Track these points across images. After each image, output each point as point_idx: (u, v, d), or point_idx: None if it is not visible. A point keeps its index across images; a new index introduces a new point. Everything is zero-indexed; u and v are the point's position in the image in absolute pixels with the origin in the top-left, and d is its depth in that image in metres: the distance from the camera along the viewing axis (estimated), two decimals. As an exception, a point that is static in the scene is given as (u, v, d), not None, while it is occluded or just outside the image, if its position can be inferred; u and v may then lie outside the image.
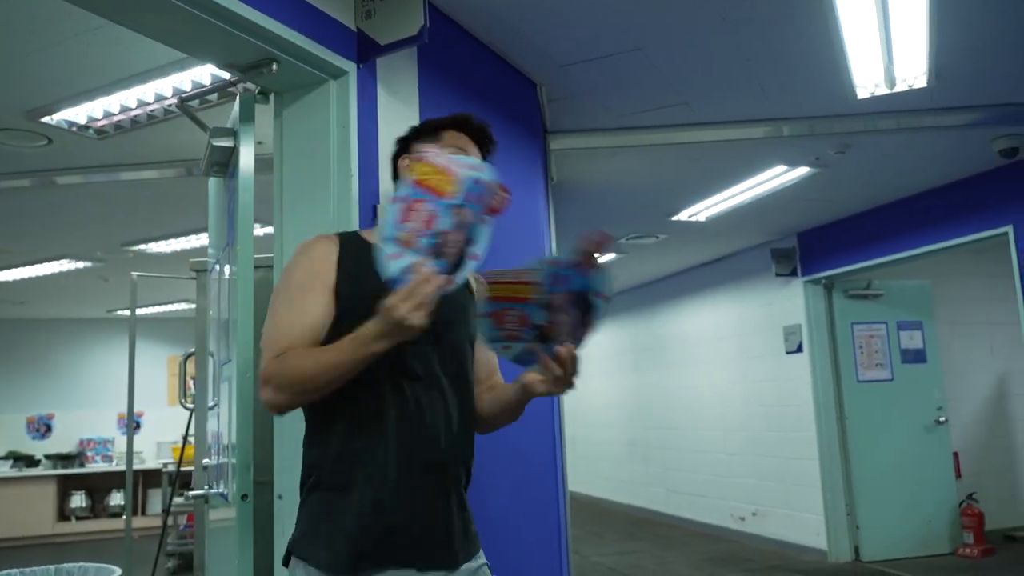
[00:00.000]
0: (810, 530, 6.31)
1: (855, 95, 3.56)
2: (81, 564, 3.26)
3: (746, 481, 7.12)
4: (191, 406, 3.09)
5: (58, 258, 6.17)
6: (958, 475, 6.46)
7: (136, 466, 8.85)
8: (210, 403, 2.80)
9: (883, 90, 3.49)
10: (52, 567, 3.28)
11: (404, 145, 1.75)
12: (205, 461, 2.86)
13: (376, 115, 2.26)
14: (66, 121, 3.41)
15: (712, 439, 7.66)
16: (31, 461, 8.91)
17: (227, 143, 2.27)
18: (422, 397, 1.52)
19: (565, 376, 1.46)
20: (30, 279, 6.85)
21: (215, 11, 1.82)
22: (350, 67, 2.16)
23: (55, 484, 8.71)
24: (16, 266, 6.35)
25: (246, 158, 2.16)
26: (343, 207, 2.08)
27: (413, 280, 1.32)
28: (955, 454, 6.49)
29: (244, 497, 2.06)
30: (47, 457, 8.99)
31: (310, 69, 2.09)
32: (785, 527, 6.62)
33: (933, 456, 6.29)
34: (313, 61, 2.07)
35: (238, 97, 2.19)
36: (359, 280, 1.52)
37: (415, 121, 2.44)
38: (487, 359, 1.74)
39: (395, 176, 1.76)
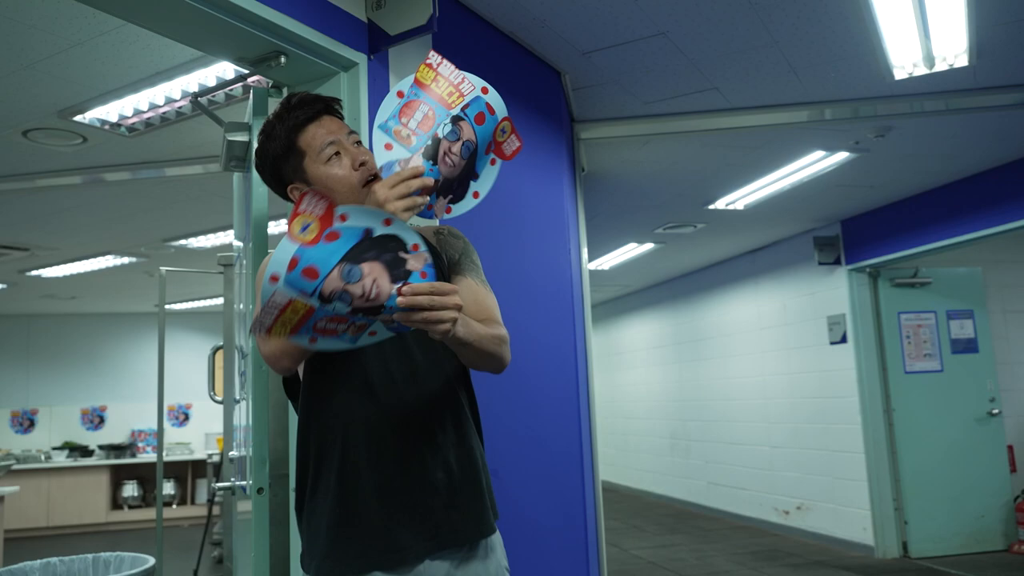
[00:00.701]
0: (856, 525, 6.16)
1: (892, 76, 3.44)
2: (117, 553, 3.33)
3: (789, 474, 6.99)
4: (220, 399, 3.13)
5: (103, 254, 6.32)
6: (1013, 469, 6.24)
7: (184, 457, 9.11)
8: (236, 396, 2.83)
9: (922, 70, 3.36)
10: (90, 556, 3.36)
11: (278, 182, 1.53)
12: (232, 453, 2.89)
13: (388, 107, 2.24)
14: (98, 119, 3.47)
15: (754, 431, 7.53)
16: (85, 451, 9.18)
17: (242, 137, 2.27)
18: (392, 376, 1.43)
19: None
20: (79, 275, 7.04)
21: (222, 6, 1.82)
22: (360, 58, 2.14)
23: (108, 474, 8.96)
24: (64, 262, 6.52)
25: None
26: (354, 200, 2.07)
27: (402, 170, 1.29)
28: (1009, 447, 6.27)
29: (260, 491, 2.07)
30: (100, 447, 9.25)
31: (319, 61, 2.08)
32: (830, 522, 6.47)
33: (986, 449, 6.09)
34: (322, 53, 2.06)
35: (252, 91, 2.19)
36: None
37: (430, 112, 2.43)
38: (474, 301, 1.53)
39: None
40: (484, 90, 1.39)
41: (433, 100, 1.36)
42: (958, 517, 5.97)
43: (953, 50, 3.22)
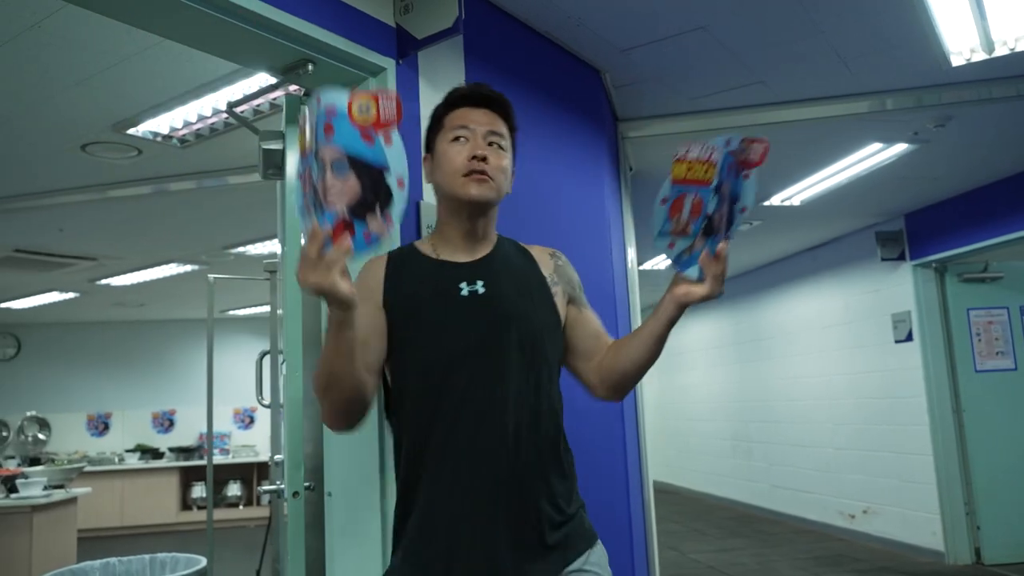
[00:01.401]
0: (925, 530, 5.93)
1: (949, 63, 3.29)
2: (173, 554, 3.42)
3: (855, 477, 6.77)
4: (267, 403, 3.18)
5: (167, 262, 6.52)
6: (1094, 471, 5.92)
7: (249, 459, 9.33)
8: (281, 400, 2.87)
9: (980, 55, 3.21)
10: (147, 556, 3.47)
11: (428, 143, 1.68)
12: (277, 457, 2.93)
13: (418, 110, 2.24)
14: (151, 132, 3.58)
15: (818, 433, 7.32)
16: (156, 454, 9.50)
17: (277, 145, 2.30)
18: (478, 415, 1.45)
19: (722, 274, 1.45)
20: (146, 283, 7.28)
21: (247, 18, 1.85)
22: (388, 63, 2.15)
23: (178, 475, 9.24)
24: (129, 271, 6.75)
25: (292, 159, 2.19)
26: (383, 205, 2.08)
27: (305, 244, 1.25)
28: (1090, 449, 5.95)
29: (295, 495, 2.10)
30: (170, 450, 9.55)
31: (347, 67, 2.09)
32: (898, 526, 6.24)
33: (1064, 451, 5.79)
34: (349, 59, 2.07)
35: (284, 98, 2.22)
36: (400, 285, 1.54)
37: (461, 115, 2.42)
38: (589, 329, 1.66)
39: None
40: (316, 102, 1.31)
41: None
42: (1035, 523, 5.70)
43: (1014, 33, 3.07)
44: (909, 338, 6.08)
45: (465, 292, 1.53)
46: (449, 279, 1.55)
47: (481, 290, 1.54)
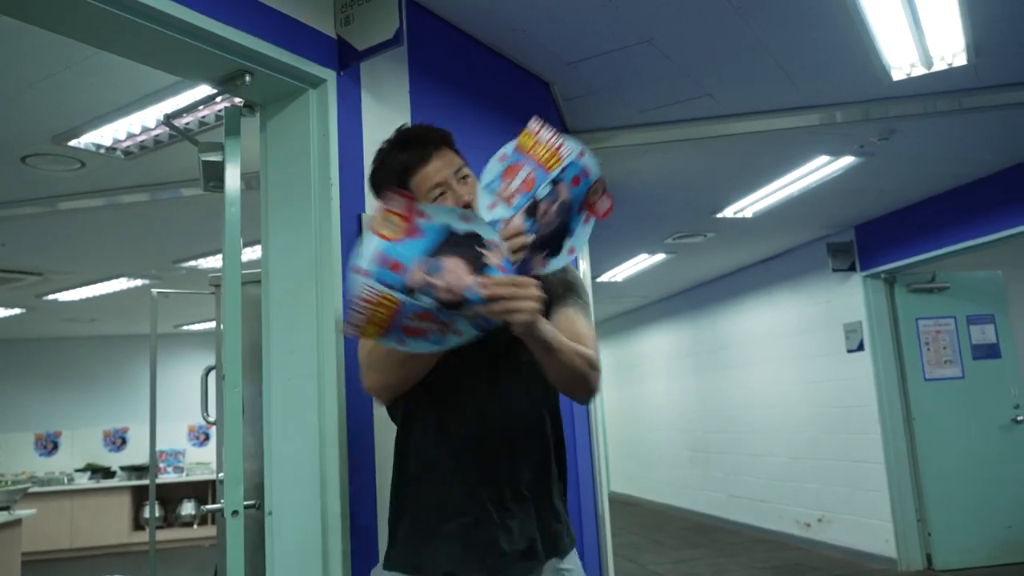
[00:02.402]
0: (878, 537, 6.01)
1: (890, 77, 3.36)
2: (116, 576, 3.32)
3: (810, 486, 6.84)
4: (212, 420, 3.11)
5: (116, 276, 6.38)
6: (1040, 477, 6.06)
7: (205, 476, 9.15)
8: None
9: (920, 70, 3.29)
10: (93, 580, 3.36)
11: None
12: (220, 475, 2.87)
13: (360, 122, 2.22)
14: (93, 144, 3.50)
15: (774, 442, 7.40)
16: (107, 473, 9.26)
17: (216, 158, 2.26)
18: (492, 402, 1.56)
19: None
20: (95, 298, 7.12)
21: (184, 29, 1.81)
22: (329, 75, 2.13)
23: (130, 495, 9.02)
24: (79, 285, 6.60)
25: (232, 172, 2.15)
26: (324, 218, 2.05)
27: (504, 229, 1.37)
28: (1035, 455, 6.09)
29: (235, 514, 2.05)
30: (122, 469, 9.32)
31: (286, 79, 2.06)
32: (852, 534, 6.32)
33: (1011, 457, 5.91)
34: (288, 71, 2.04)
35: (224, 111, 2.19)
36: None
37: (405, 127, 2.40)
38: (564, 328, 1.61)
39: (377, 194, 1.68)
40: (580, 154, 1.45)
41: (533, 163, 1.44)
42: (984, 528, 5.80)
43: (951, 49, 3.15)
44: (861, 348, 6.18)
45: None
46: None
47: None
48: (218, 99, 2.92)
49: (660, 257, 6.97)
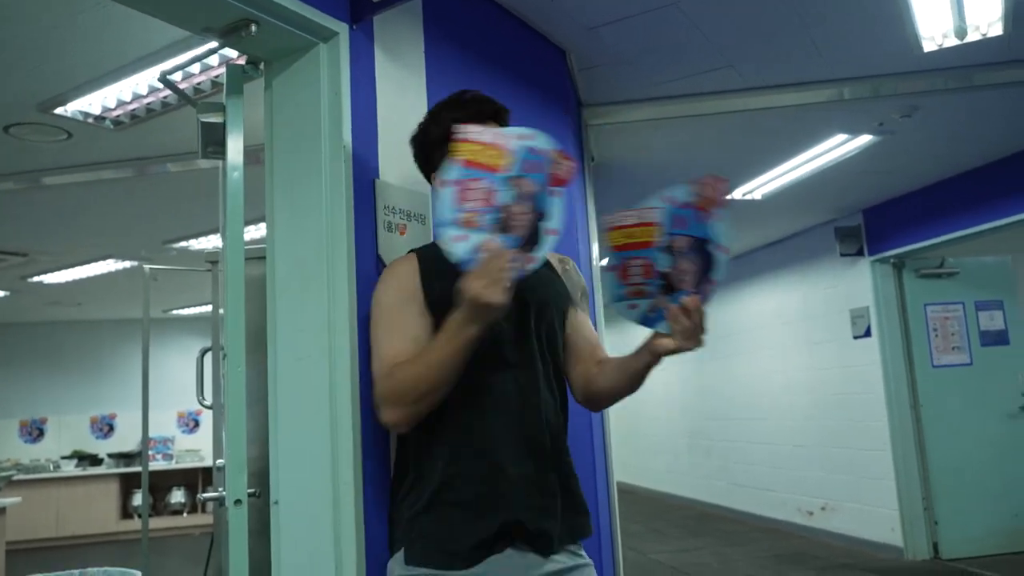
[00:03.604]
0: (884, 526, 5.91)
1: (921, 48, 3.21)
2: (105, 569, 3.17)
3: (814, 474, 6.74)
4: (208, 404, 2.95)
5: (103, 258, 6.18)
6: (1047, 465, 5.97)
7: (194, 464, 8.99)
8: (223, 400, 2.65)
9: (952, 41, 3.14)
10: (77, 572, 3.21)
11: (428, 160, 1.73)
12: (219, 462, 2.71)
13: (374, 81, 2.05)
14: (80, 112, 3.31)
15: (777, 430, 7.29)
16: (94, 460, 9.07)
17: (217, 119, 2.09)
18: (521, 387, 1.57)
19: (694, 328, 1.46)
20: (81, 280, 6.91)
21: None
22: (342, 28, 1.95)
23: (118, 482, 8.84)
24: (62, 268, 6.39)
25: (235, 134, 1.98)
26: (335, 185, 1.88)
27: (484, 257, 1.33)
28: (1043, 442, 6.00)
29: (238, 502, 1.89)
30: (110, 456, 9.13)
31: (295, 31, 1.88)
32: (857, 522, 6.23)
33: (1019, 445, 5.82)
34: (297, 21, 1.87)
35: (226, 67, 2.01)
36: (437, 282, 1.56)
37: (420, 88, 2.24)
38: (586, 334, 1.76)
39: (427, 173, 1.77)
40: (526, 136, 1.38)
41: (482, 172, 1.38)
42: (991, 516, 5.72)
43: (987, 17, 3.00)
44: (868, 334, 6.06)
45: None
46: None
47: None
48: (216, 64, 2.76)
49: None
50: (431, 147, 1.68)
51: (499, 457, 1.53)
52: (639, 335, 1.63)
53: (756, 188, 5.22)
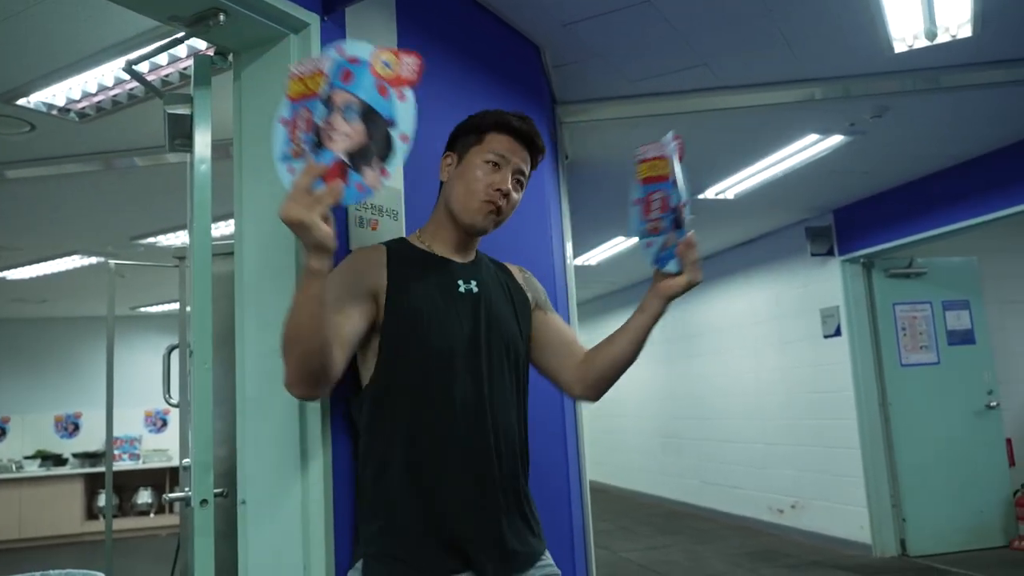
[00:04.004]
0: (853, 523, 5.97)
1: (892, 50, 3.24)
2: (67, 571, 3.10)
3: (784, 472, 6.80)
4: (175, 402, 2.90)
5: (69, 254, 6.06)
6: (1012, 463, 6.07)
7: (162, 464, 8.85)
8: (189, 399, 2.60)
9: (922, 42, 3.16)
10: (39, 574, 3.13)
11: (451, 144, 1.74)
12: (185, 461, 2.66)
13: (346, 74, 2.02)
14: (44, 104, 3.23)
15: (748, 428, 7.34)
16: (58, 460, 8.89)
17: (184, 111, 2.04)
18: (475, 401, 1.55)
19: (696, 261, 1.56)
20: (46, 276, 6.77)
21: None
22: (312, 19, 1.92)
23: (83, 483, 8.67)
24: (28, 263, 6.26)
25: (202, 126, 1.93)
26: (306, 176, 1.84)
27: (295, 180, 1.28)
28: (1008, 440, 6.10)
29: (203, 503, 1.85)
30: (75, 456, 8.96)
31: (264, 21, 1.85)
32: (826, 520, 6.29)
33: (984, 443, 5.92)
34: (267, 11, 1.83)
35: (194, 58, 1.96)
36: (405, 277, 1.58)
37: (393, 82, 2.20)
38: (559, 328, 1.80)
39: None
40: (338, 50, 1.33)
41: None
42: (957, 513, 5.80)
43: (957, 19, 3.03)
44: (838, 333, 6.12)
45: (462, 289, 1.63)
46: (449, 275, 1.64)
47: (475, 289, 1.64)
48: (185, 56, 2.70)
49: (636, 240, 6.83)
50: (463, 131, 1.73)
51: (445, 483, 1.51)
52: (604, 332, 1.67)
53: (729, 188, 5.24)
